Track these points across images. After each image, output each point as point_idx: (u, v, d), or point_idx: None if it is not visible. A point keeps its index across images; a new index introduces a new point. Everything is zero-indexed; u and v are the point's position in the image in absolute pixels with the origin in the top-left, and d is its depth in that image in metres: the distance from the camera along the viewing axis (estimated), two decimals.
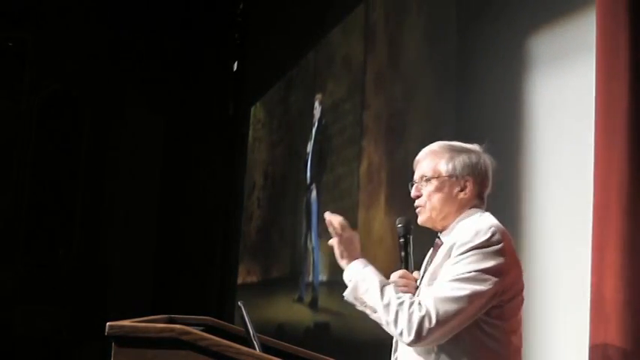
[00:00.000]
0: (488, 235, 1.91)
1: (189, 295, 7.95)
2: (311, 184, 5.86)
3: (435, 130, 3.91)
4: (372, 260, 1.98)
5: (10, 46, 8.45)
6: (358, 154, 4.88)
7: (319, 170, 5.69)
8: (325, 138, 5.66)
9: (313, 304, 5.54)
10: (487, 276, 1.87)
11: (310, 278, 5.64)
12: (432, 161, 2.11)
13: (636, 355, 2.20)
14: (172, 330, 1.37)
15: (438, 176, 2.08)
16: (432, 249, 2.10)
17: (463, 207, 2.06)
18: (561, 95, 2.92)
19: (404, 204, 1.70)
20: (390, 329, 1.88)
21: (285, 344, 1.79)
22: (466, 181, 2.07)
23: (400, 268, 2.04)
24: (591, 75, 2.46)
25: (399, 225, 2.13)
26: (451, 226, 2.07)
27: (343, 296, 1.96)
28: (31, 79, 8.55)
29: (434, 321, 1.83)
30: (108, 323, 1.38)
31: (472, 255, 1.89)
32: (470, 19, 3.62)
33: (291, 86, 6.79)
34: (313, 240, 5.64)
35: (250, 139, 8.12)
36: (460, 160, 2.08)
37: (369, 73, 4.89)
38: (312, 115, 5.96)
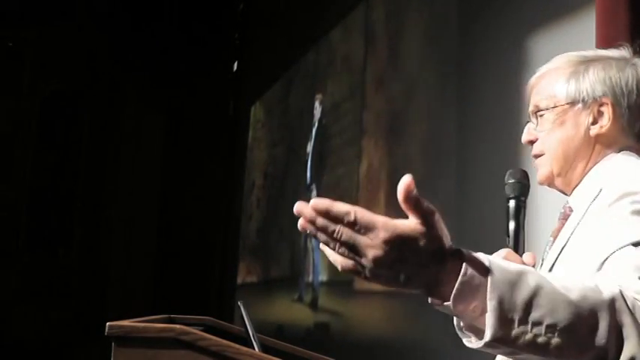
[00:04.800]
0: None
1: (189, 295, 7.95)
2: (311, 184, 5.86)
3: (435, 130, 3.91)
4: None
5: (10, 46, 8.44)
6: (358, 154, 4.88)
7: (319, 170, 5.69)
8: (325, 138, 5.65)
9: (313, 304, 5.53)
10: None
11: (310, 278, 5.64)
12: (549, 83, 1.37)
13: None
14: (172, 330, 1.37)
15: (555, 105, 1.33)
16: (558, 221, 1.38)
17: (601, 150, 1.30)
18: None
19: None
20: (594, 354, 0.93)
21: (285, 344, 1.79)
22: (601, 105, 1.30)
23: (505, 247, 1.30)
24: None
25: (511, 180, 1.38)
26: (582, 185, 1.31)
27: (472, 344, 0.96)
28: (31, 79, 8.55)
29: None
30: (108, 323, 1.38)
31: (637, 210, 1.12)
32: (470, 18, 3.61)
33: (291, 86, 6.78)
34: (313, 240, 5.63)
35: (250, 139, 8.12)
36: (590, 74, 1.31)
37: (369, 73, 4.89)
38: (312, 115, 5.96)
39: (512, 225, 1.35)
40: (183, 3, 8.69)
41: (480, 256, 0.94)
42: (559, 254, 1.27)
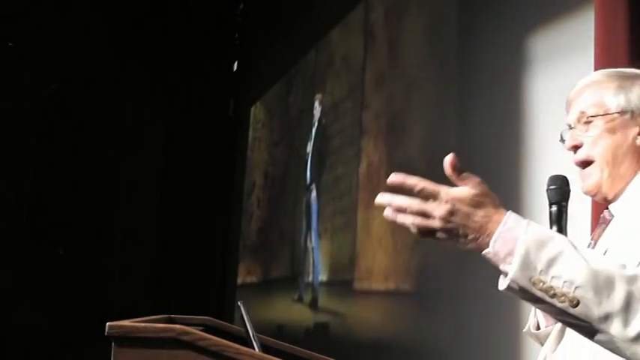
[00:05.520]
0: None
1: (189, 295, 7.95)
2: (311, 184, 5.86)
3: (435, 129, 3.91)
4: (372, 262, 1.85)
5: (10, 46, 8.44)
6: (358, 154, 4.88)
7: (319, 170, 5.69)
8: (325, 138, 5.66)
9: (313, 304, 5.54)
10: None
11: (310, 278, 5.64)
12: (595, 93, 1.43)
13: None
14: (172, 330, 1.37)
15: (605, 113, 1.40)
16: (598, 225, 1.45)
17: None
18: (561, 93, 2.91)
19: None
20: (612, 327, 1.04)
21: (285, 344, 1.79)
22: None
23: None
24: (590, 73, 2.46)
25: (552, 187, 1.46)
26: (627, 191, 1.38)
27: (500, 286, 1.11)
28: (31, 79, 8.55)
29: None
30: (108, 323, 1.38)
31: None
32: (470, 18, 3.62)
33: (291, 86, 6.79)
34: (313, 240, 5.64)
35: (250, 139, 8.12)
36: (636, 89, 1.40)
37: (369, 73, 4.89)
38: (312, 115, 5.96)
39: (554, 229, 1.43)
40: (184, 3, 8.70)
41: (525, 220, 1.11)
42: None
